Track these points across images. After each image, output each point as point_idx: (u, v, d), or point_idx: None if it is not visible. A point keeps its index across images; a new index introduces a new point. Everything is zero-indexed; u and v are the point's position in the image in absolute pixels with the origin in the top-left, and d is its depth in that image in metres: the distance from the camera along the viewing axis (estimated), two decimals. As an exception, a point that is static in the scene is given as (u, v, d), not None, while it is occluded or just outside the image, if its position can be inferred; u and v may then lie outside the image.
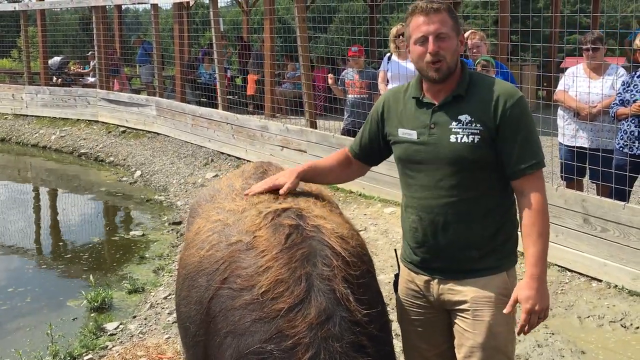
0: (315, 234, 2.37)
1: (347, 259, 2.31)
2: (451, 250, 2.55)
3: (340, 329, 2.09)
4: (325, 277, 2.20)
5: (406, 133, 2.58)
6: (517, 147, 2.46)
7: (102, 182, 10.81)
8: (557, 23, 12.39)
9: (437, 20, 2.45)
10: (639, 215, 5.02)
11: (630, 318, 4.71)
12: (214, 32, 11.04)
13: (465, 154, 2.46)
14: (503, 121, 2.45)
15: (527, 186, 2.49)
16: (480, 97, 2.50)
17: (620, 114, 5.56)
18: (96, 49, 14.08)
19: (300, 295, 2.15)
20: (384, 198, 7.49)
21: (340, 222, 2.61)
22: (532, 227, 2.45)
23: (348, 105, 8.16)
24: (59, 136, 13.75)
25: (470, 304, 2.54)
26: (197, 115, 11.40)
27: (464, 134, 2.46)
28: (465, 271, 2.56)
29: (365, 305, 2.20)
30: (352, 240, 2.49)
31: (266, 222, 2.44)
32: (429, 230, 2.56)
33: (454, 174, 2.48)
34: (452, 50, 2.48)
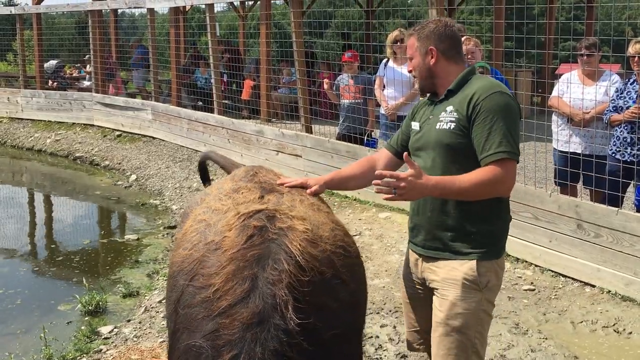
0: (278, 236, 2.36)
1: (302, 264, 2.25)
2: (429, 228, 2.89)
3: (269, 335, 2.06)
4: (270, 280, 2.18)
5: (415, 125, 3.03)
6: (484, 137, 2.71)
7: (97, 185, 10.80)
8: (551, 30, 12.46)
9: (407, 46, 3.03)
10: (632, 221, 5.05)
11: (623, 323, 4.73)
12: (210, 36, 11.05)
13: (444, 139, 2.82)
14: (474, 112, 2.75)
15: (489, 166, 2.70)
16: (463, 92, 2.86)
17: (614, 121, 5.60)
18: (92, 53, 14.08)
19: (241, 295, 2.15)
20: (379, 203, 7.50)
21: (322, 223, 2.60)
22: (475, 173, 2.67)
23: (343, 110, 8.18)
24: (54, 140, 13.74)
25: (440, 282, 2.84)
26: (193, 120, 11.40)
27: (445, 122, 2.84)
28: (438, 249, 2.87)
29: (307, 315, 2.13)
30: (326, 244, 2.46)
31: (237, 223, 2.45)
32: (419, 207, 2.94)
33: (437, 158, 2.84)
34: (416, 67, 2.99)
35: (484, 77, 3.02)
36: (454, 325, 2.76)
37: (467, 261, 2.80)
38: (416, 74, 3.01)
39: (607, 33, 10.34)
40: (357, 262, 2.68)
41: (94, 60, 14.05)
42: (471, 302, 2.76)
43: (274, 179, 3.05)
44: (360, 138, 7.94)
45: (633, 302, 4.99)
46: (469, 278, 2.77)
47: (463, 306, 2.77)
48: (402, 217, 6.89)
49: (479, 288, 2.78)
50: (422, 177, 2.60)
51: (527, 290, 5.31)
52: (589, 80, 6.04)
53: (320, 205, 2.85)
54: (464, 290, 2.76)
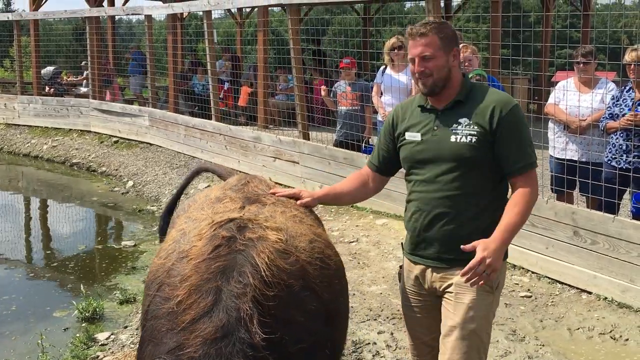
0: (246, 247, 2.32)
1: (267, 278, 2.22)
2: (443, 240, 2.86)
3: (234, 349, 2.03)
4: (235, 294, 2.14)
5: (411, 135, 2.93)
6: (512, 150, 2.79)
7: (94, 192, 10.79)
8: (548, 38, 12.51)
9: (422, 44, 2.83)
10: (628, 228, 5.07)
11: (620, 330, 4.74)
12: (207, 43, 11.07)
13: (463, 152, 2.79)
14: (499, 126, 2.78)
15: (520, 182, 2.81)
16: (478, 103, 2.84)
17: (610, 128, 5.63)
18: (89, 59, 14.09)
19: (204, 309, 2.12)
20: (376, 210, 7.51)
21: (300, 234, 2.59)
22: (515, 206, 2.77)
23: (340, 116, 8.20)
24: (51, 146, 13.73)
25: (454, 287, 2.83)
26: (190, 126, 11.41)
27: (462, 135, 2.80)
28: (455, 260, 2.82)
29: (273, 329, 2.11)
30: (301, 255, 2.45)
31: (208, 233, 2.44)
32: (426, 221, 2.88)
33: (452, 170, 2.81)
34: (439, 68, 2.84)
35: (488, 87, 3.02)
36: (470, 328, 2.79)
37: None
38: (435, 74, 2.84)
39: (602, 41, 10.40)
40: (336, 274, 2.65)
41: (91, 66, 14.06)
42: (485, 304, 2.83)
43: (264, 190, 3.03)
44: (358, 145, 7.95)
45: (629, 309, 5.00)
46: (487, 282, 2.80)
47: (478, 309, 2.80)
48: (399, 224, 6.89)
49: (492, 290, 2.85)
50: (491, 243, 2.64)
51: (524, 297, 5.32)
52: (585, 88, 6.08)
53: (304, 218, 2.84)
54: (479, 294, 2.79)
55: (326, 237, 2.80)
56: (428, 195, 2.87)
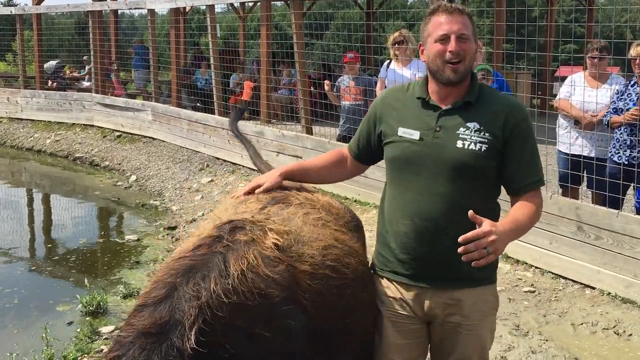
0: (227, 250, 2.19)
1: (234, 285, 2.07)
2: (447, 258, 2.44)
3: (159, 348, 1.93)
4: (188, 296, 2.03)
5: (407, 132, 2.52)
6: (524, 162, 2.49)
7: (96, 186, 10.80)
8: (551, 32, 12.48)
9: (460, 21, 2.45)
10: (632, 223, 5.06)
11: (624, 325, 4.74)
12: (210, 37, 11.06)
13: (469, 161, 2.44)
14: (513, 135, 2.47)
15: (530, 199, 2.50)
16: (490, 107, 2.50)
17: (614, 122, 5.61)
18: (92, 54, 14.09)
19: (153, 300, 2.06)
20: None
21: (314, 239, 2.43)
22: (524, 207, 2.46)
23: (344, 111, 8.19)
24: (54, 140, 13.74)
25: (464, 317, 2.54)
26: (193, 121, 11.41)
27: (471, 141, 2.44)
28: (461, 279, 2.51)
29: (220, 339, 1.99)
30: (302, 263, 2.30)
31: (206, 233, 2.37)
32: (424, 237, 2.48)
33: (454, 180, 2.45)
34: (472, 54, 2.48)
35: (496, 90, 2.73)
36: (481, 355, 2.62)
37: (488, 286, 2.60)
38: (467, 61, 2.46)
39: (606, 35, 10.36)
40: (352, 285, 2.46)
41: (94, 60, 14.05)
42: (493, 325, 2.66)
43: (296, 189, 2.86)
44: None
45: (633, 304, 5.00)
46: (492, 304, 2.63)
47: (488, 334, 2.64)
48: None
49: (496, 308, 2.68)
50: (499, 225, 2.29)
51: (527, 292, 5.32)
52: (597, 83, 6.01)
53: (330, 221, 2.64)
54: (489, 317, 2.61)
55: (352, 244, 2.60)
56: (427, 207, 2.48)
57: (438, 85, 2.52)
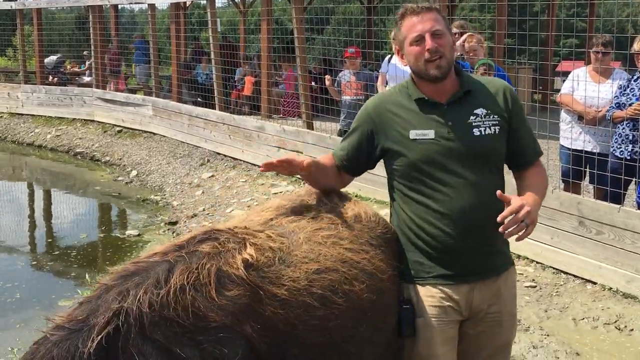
0: (177, 260, 2.06)
1: (162, 298, 1.94)
2: (488, 248, 2.53)
3: (65, 345, 1.86)
4: (112, 299, 1.94)
5: (421, 134, 2.49)
6: (526, 137, 2.61)
7: (97, 181, 10.80)
8: (553, 27, 12.44)
9: (430, 19, 2.48)
10: (634, 218, 5.05)
11: (625, 320, 4.73)
12: (211, 32, 11.04)
13: (490, 146, 2.50)
14: (513, 112, 2.56)
15: (537, 169, 2.64)
16: (485, 90, 2.57)
17: (616, 117, 5.59)
18: (93, 49, 14.07)
19: (88, 298, 2.00)
20: (380, 199, 7.50)
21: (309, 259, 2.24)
22: (537, 176, 2.60)
23: (345, 106, 8.18)
24: (55, 135, 13.73)
25: (503, 304, 2.58)
26: (194, 116, 11.39)
27: (485, 126, 2.50)
28: (498, 267, 2.58)
29: (120, 346, 1.88)
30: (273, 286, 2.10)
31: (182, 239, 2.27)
32: (467, 232, 2.47)
33: (481, 167, 2.49)
34: (449, 46, 2.50)
35: (471, 74, 2.79)
36: (511, 338, 2.69)
37: (512, 267, 2.66)
38: (448, 54, 2.48)
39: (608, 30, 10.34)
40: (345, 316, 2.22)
41: (94, 55, 14.03)
42: (516, 310, 2.71)
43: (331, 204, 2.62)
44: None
45: (634, 299, 4.99)
46: (515, 283, 2.67)
47: (515, 318, 2.70)
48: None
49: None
50: (526, 197, 2.44)
51: (528, 287, 5.31)
52: (601, 78, 5.99)
53: (345, 239, 2.42)
54: (515, 298, 2.68)
55: (369, 265, 2.38)
56: (461, 200, 2.46)
57: (428, 84, 2.53)
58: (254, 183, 8.94)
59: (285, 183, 8.70)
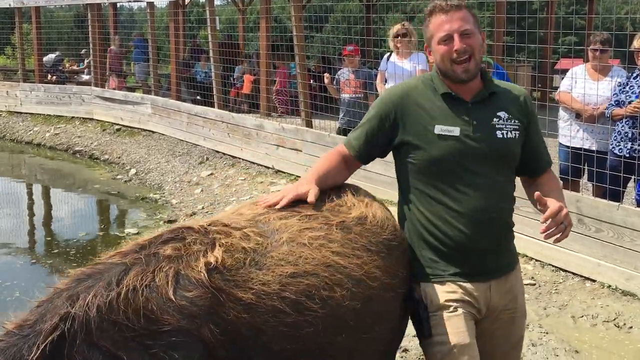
0: (134, 262, 1.98)
1: (112, 301, 1.84)
2: (504, 245, 2.57)
3: (11, 351, 1.79)
4: (62, 303, 1.87)
5: (446, 130, 2.43)
6: (540, 145, 2.63)
7: (96, 179, 10.79)
8: (552, 24, 12.44)
9: (459, 18, 2.41)
10: (633, 216, 5.06)
11: (624, 318, 4.74)
12: (210, 30, 11.03)
13: (511, 149, 2.50)
14: (531, 119, 2.57)
15: (550, 175, 2.67)
16: (507, 94, 2.56)
17: (616, 115, 5.59)
18: (91, 47, 14.05)
19: (38, 303, 1.94)
20: (380, 198, 7.48)
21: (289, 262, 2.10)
22: (554, 181, 2.66)
23: (343, 104, 8.17)
24: (54, 134, 13.72)
25: (515, 300, 2.59)
26: (193, 114, 11.39)
27: (507, 130, 2.49)
28: (510, 265, 2.60)
29: (66, 354, 1.79)
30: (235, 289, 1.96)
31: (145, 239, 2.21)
32: (486, 230, 2.46)
33: (502, 169, 2.50)
34: (478, 47, 2.44)
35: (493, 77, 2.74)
36: (523, 334, 2.72)
37: (518, 263, 2.68)
38: (477, 55, 2.43)
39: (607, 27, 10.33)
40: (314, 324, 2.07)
41: (93, 53, 14.01)
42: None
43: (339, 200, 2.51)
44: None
45: (633, 297, 5.00)
46: (522, 278, 2.72)
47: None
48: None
49: None
50: (560, 200, 2.46)
51: (527, 285, 5.31)
52: (599, 76, 5.99)
53: (336, 241, 2.27)
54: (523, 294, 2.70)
55: (351, 271, 2.22)
56: (482, 199, 2.44)
57: (453, 82, 2.49)
58: (253, 181, 8.94)
59: (284, 181, 8.70)
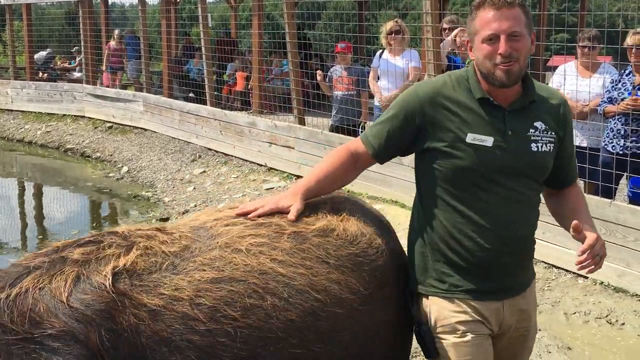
0: (39, 265, 1.89)
1: (12, 299, 1.77)
2: (521, 265, 2.39)
3: None
4: None
5: (479, 139, 2.24)
6: (572, 156, 2.47)
7: (88, 177, 10.75)
8: (544, 21, 12.46)
9: (510, 17, 2.17)
10: (625, 212, 5.07)
11: (616, 314, 4.75)
12: (202, 27, 10.99)
13: (545, 163, 2.33)
14: (567, 132, 2.40)
15: (577, 189, 2.55)
16: (546, 103, 2.35)
17: (608, 112, 5.60)
18: (83, 44, 13.98)
19: None
20: (373, 195, 7.50)
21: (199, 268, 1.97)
22: (581, 197, 2.52)
23: (336, 101, 8.16)
24: (45, 131, 13.66)
25: (530, 319, 2.46)
26: (185, 111, 11.35)
27: (543, 143, 2.30)
28: (526, 282, 2.44)
29: None
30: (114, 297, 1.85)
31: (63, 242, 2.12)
32: (505, 249, 2.29)
33: (528, 183, 2.31)
34: (526, 52, 2.22)
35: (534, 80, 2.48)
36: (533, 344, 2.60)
37: (533, 279, 2.51)
38: (522, 60, 2.21)
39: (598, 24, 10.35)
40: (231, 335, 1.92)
41: (84, 51, 13.94)
42: None
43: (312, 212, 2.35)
44: (354, 130, 7.92)
45: (626, 293, 5.01)
46: (535, 292, 2.59)
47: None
48: (395, 209, 6.88)
49: None
50: (594, 227, 2.34)
51: (520, 282, 5.32)
52: (587, 72, 6.01)
53: (276, 252, 2.11)
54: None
55: (292, 281, 2.06)
56: (508, 215, 2.28)
57: (492, 86, 2.27)
58: (246, 179, 8.92)
59: (277, 179, 8.69)
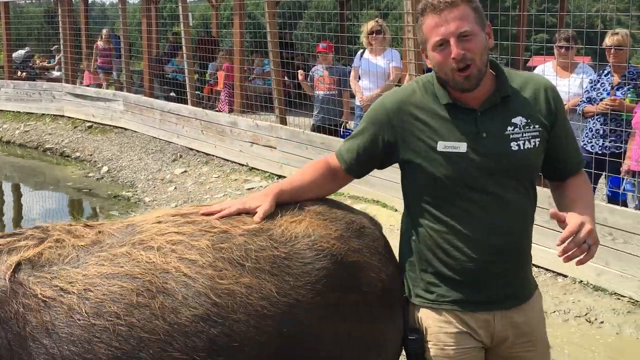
0: None
1: None
2: (513, 274, 2.21)
3: None
4: None
5: (450, 146, 2.09)
6: (570, 145, 2.24)
7: (68, 177, 10.64)
8: (524, 22, 12.55)
9: (455, 17, 2.02)
10: (604, 211, 5.11)
11: (595, 313, 4.79)
12: (182, 27, 10.93)
13: (529, 161, 2.14)
14: (557, 119, 2.18)
15: (580, 178, 2.30)
16: (525, 94, 2.16)
17: (587, 112, 5.65)
18: (62, 43, 13.84)
19: None
20: (354, 195, 7.50)
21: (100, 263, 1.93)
22: (584, 185, 2.29)
23: (317, 101, 8.16)
24: (23, 131, 13.50)
25: (529, 335, 2.25)
26: (166, 111, 11.28)
27: (524, 139, 2.12)
28: (522, 295, 2.26)
29: None
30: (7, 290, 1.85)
31: None
32: (493, 258, 2.15)
33: (515, 185, 2.15)
34: (481, 50, 2.05)
35: (513, 70, 2.36)
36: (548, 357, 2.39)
37: (536, 290, 2.34)
38: (478, 60, 2.04)
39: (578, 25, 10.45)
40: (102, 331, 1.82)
41: (64, 50, 13.80)
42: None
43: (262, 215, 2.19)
44: (335, 129, 7.92)
45: (604, 292, 5.06)
46: (542, 306, 2.38)
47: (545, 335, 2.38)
48: (377, 209, 6.89)
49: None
50: (581, 213, 2.08)
51: (501, 281, 5.35)
52: (564, 72, 6.08)
53: (191, 251, 1.98)
54: (544, 320, 2.38)
55: (194, 281, 1.92)
56: (495, 221, 2.14)
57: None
58: (227, 179, 8.89)
59: (258, 179, 8.66)
